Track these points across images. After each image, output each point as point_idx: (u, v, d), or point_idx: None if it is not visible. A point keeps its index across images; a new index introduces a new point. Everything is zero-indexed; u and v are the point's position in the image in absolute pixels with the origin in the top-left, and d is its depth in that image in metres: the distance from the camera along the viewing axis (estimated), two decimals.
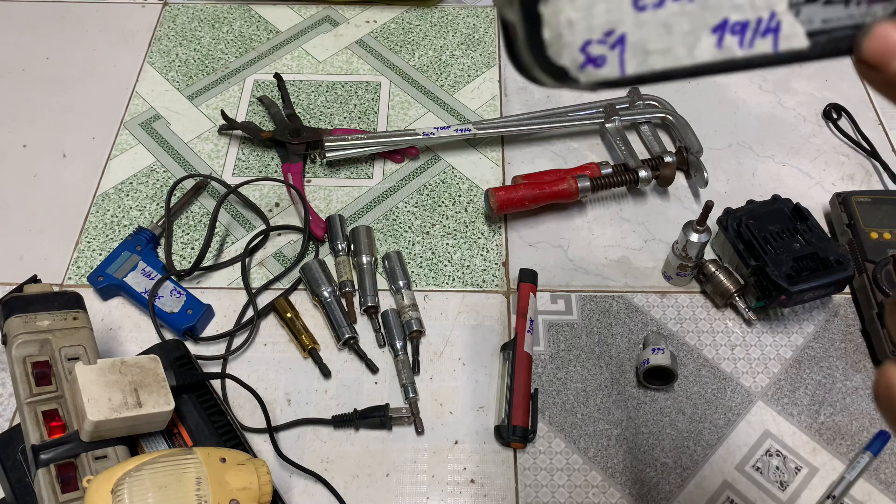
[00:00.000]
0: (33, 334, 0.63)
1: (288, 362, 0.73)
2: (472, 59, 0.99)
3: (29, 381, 0.60)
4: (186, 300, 0.75)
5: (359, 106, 0.94)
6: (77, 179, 0.87)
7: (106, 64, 0.99)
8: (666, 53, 0.22)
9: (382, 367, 0.73)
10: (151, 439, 0.63)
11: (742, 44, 0.22)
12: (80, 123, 0.92)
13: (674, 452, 0.68)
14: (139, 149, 0.90)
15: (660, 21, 0.22)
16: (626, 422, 0.70)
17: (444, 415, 0.70)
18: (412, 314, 0.74)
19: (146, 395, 0.61)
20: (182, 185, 0.84)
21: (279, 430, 0.69)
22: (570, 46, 0.22)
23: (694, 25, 0.22)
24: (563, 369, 0.73)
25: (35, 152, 0.90)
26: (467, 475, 0.67)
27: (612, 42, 0.22)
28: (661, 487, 0.66)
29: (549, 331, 0.75)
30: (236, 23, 1.03)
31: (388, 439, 0.69)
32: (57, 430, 0.59)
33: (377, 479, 0.67)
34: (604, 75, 0.22)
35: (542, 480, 0.67)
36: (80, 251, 0.81)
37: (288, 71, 0.97)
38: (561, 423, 0.70)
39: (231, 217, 0.84)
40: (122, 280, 0.76)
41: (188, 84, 0.96)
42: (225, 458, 0.59)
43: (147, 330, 0.75)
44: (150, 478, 0.56)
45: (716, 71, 0.23)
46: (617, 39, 0.22)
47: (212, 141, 0.90)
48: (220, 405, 0.67)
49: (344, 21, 1.04)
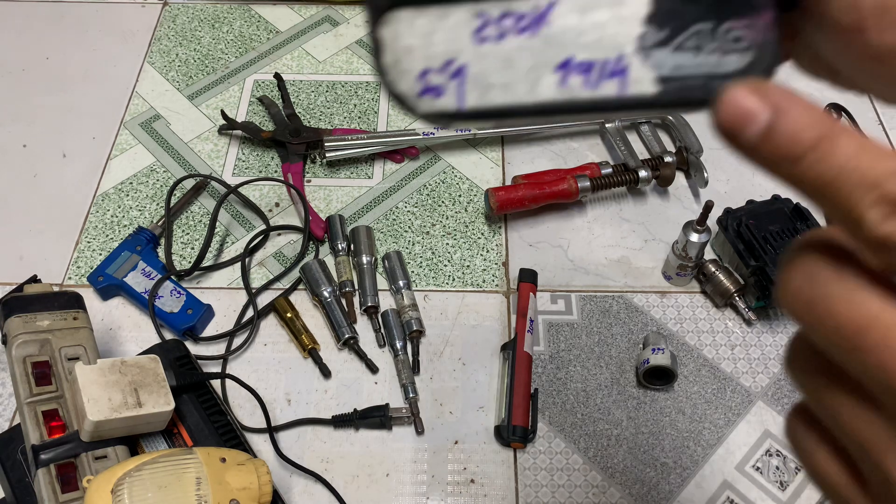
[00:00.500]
0: (33, 334, 0.63)
1: (288, 362, 0.73)
2: None
3: (29, 381, 0.60)
4: (186, 300, 0.75)
5: (359, 106, 0.94)
6: (77, 179, 0.87)
7: (106, 64, 0.99)
8: (507, 89, 0.21)
9: (382, 367, 0.73)
10: (151, 439, 0.63)
11: (587, 84, 0.21)
12: (80, 123, 0.92)
13: (674, 452, 0.68)
14: (139, 149, 0.90)
15: (501, 54, 0.21)
16: (626, 422, 0.70)
17: (444, 415, 0.70)
18: (412, 314, 0.74)
19: (146, 395, 0.61)
20: (182, 185, 0.84)
21: (279, 430, 0.69)
22: (408, 73, 0.21)
23: (536, 62, 0.21)
24: (563, 369, 0.73)
25: (35, 152, 0.90)
26: (467, 475, 0.67)
27: (451, 72, 0.21)
28: (661, 487, 0.66)
29: (549, 331, 0.75)
30: (236, 23, 1.03)
31: (388, 439, 0.69)
32: (57, 430, 0.59)
33: (377, 479, 0.67)
34: (442, 106, 0.22)
35: (542, 480, 0.67)
36: (80, 251, 0.81)
37: (288, 71, 0.97)
38: (561, 423, 0.70)
39: (231, 217, 0.84)
40: (122, 280, 0.76)
41: (188, 84, 0.96)
42: (225, 458, 0.59)
43: (147, 330, 0.75)
44: (150, 478, 0.56)
45: (559, 112, 0.22)
46: (457, 70, 0.21)
47: (212, 141, 0.90)
48: (220, 405, 0.67)
49: (344, 21, 1.04)
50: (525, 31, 0.21)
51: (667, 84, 0.21)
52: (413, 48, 0.21)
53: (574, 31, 0.21)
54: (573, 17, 0.21)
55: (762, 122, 0.20)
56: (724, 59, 0.21)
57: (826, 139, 0.19)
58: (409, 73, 0.21)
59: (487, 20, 0.21)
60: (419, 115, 0.22)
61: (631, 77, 0.21)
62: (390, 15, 0.21)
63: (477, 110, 0.22)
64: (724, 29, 0.21)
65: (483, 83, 0.21)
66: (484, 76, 0.21)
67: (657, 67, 0.21)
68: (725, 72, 0.21)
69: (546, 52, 0.21)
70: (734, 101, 0.20)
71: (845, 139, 0.19)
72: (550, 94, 0.21)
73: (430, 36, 0.21)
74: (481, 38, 0.21)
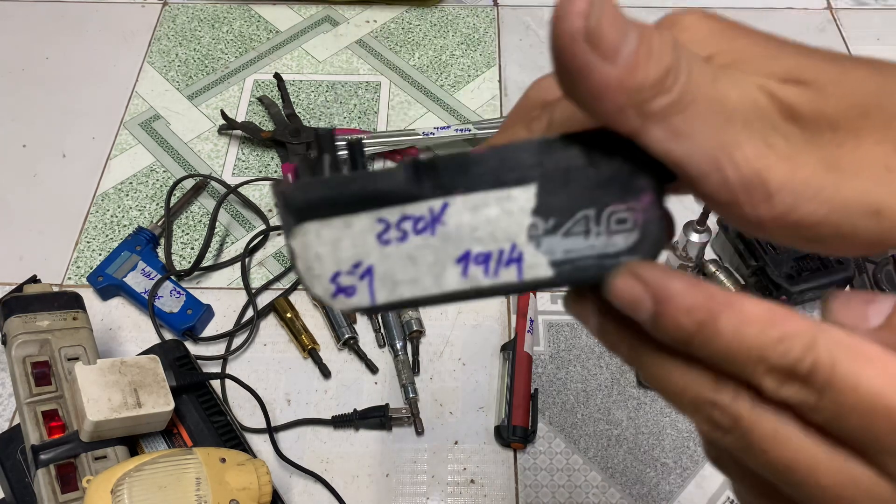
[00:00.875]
0: (33, 334, 0.63)
1: (288, 362, 0.73)
2: (472, 59, 0.99)
3: (29, 381, 0.60)
4: (186, 300, 0.74)
5: (359, 106, 0.94)
6: (77, 179, 0.87)
7: (106, 64, 0.99)
8: (414, 283, 0.23)
9: (382, 368, 0.73)
10: (151, 439, 0.63)
11: (487, 273, 0.23)
12: (79, 123, 0.92)
13: (674, 452, 0.68)
14: (139, 149, 0.90)
15: (404, 253, 0.23)
16: (626, 422, 0.70)
17: (443, 415, 0.70)
18: (412, 314, 0.74)
19: (146, 395, 0.61)
20: (182, 186, 0.84)
21: (279, 430, 0.69)
22: (321, 278, 0.23)
23: (438, 257, 0.23)
24: (564, 369, 0.73)
25: (35, 152, 0.90)
26: (467, 475, 0.67)
27: (360, 273, 0.23)
28: (662, 488, 0.66)
29: (549, 331, 0.75)
30: (236, 23, 1.03)
31: (387, 440, 0.69)
32: (57, 431, 0.59)
33: (377, 480, 0.67)
34: (356, 304, 0.23)
35: (543, 481, 0.66)
36: (79, 251, 0.81)
37: (288, 71, 0.97)
38: (561, 424, 0.70)
39: (231, 217, 0.84)
40: (122, 280, 0.76)
41: (188, 84, 0.96)
42: (225, 459, 0.59)
43: (147, 330, 0.75)
44: (149, 478, 0.56)
45: (466, 298, 0.23)
46: (365, 270, 0.23)
47: (211, 141, 0.90)
48: (220, 405, 0.67)
49: (344, 21, 1.04)
50: (424, 231, 0.22)
51: (561, 267, 0.23)
52: (322, 256, 0.23)
53: (468, 227, 0.22)
54: (466, 215, 0.22)
55: (647, 310, 0.21)
56: (612, 239, 0.23)
57: (706, 323, 0.20)
58: (322, 277, 0.23)
59: (388, 224, 0.22)
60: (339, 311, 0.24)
61: (526, 263, 0.23)
62: (298, 228, 0.22)
63: (389, 304, 0.23)
64: (607, 213, 0.22)
65: (391, 280, 0.23)
66: (391, 274, 0.23)
67: (549, 253, 0.23)
68: (614, 251, 0.23)
69: (445, 248, 0.23)
70: (618, 289, 0.21)
71: (726, 318, 0.20)
72: (455, 284, 0.23)
73: (338, 243, 0.23)
74: (385, 241, 0.23)
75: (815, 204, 0.20)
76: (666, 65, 0.19)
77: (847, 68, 0.20)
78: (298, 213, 0.22)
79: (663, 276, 0.21)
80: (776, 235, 0.21)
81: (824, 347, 0.19)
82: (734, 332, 0.20)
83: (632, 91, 0.19)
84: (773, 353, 0.19)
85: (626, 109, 0.20)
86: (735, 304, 0.20)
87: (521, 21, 1.04)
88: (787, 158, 0.20)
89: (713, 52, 0.21)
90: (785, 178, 0.20)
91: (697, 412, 0.22)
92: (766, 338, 0.19)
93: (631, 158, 0.22)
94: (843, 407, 0.19)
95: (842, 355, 0.19)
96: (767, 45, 0.21)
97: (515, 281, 0.23)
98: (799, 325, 0.19)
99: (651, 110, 0.20)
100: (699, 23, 0.22)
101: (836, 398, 0.19)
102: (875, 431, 0.19)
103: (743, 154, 0.20)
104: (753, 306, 0.20)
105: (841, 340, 0.19)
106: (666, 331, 0.21)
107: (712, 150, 0.20)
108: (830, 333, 0.19)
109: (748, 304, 0.20)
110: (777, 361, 0.19)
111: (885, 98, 0.20)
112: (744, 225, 0.21)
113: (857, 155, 0.20)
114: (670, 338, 0.21)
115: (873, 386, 0.18)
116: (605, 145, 0.22)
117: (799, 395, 0.19)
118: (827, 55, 0.21)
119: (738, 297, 0.20)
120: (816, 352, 0.19)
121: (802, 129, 0.20)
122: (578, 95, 0.20)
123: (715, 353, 0.20)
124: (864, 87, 0.20)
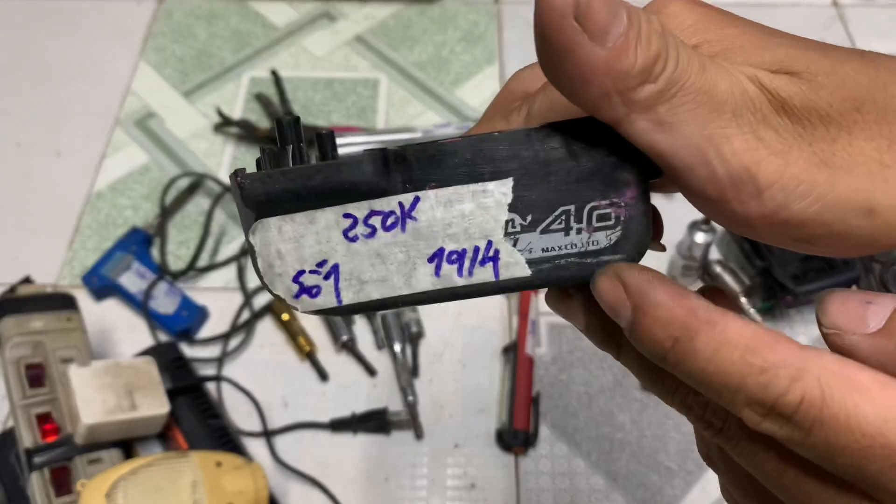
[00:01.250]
0: (27, 336, 0.62)
1: (285, 365, 0.72)
2: (473, 56, 0.98)
3: (22, 383, 0.60)
4: (181, 301, 0.73)
5: (357, 103, 0.93)
6: (71, 178, 0.86)
7: (101, 61, 0.97)
8: (383, 283, 0.22)
9: (381, 370, 0.72)
10: (146, 443, 0.62)
11: (461, 273, 0.22)
12: (74, 121, 0.91)
13: (678, 456, 0.67)
14: (134, 147, 0.89)
15: (373, 251, 0.22)
16: (629, 425, 0.69)
17: (443, 418, 0.69)
18: (411, 315, 0.73)
19: (141, 397, 0.60)
20: (178, 185, 0.83)
21: (276, 433, 0.68)
22: (283, 276, 0.22)
23: (409, 255, 0.22)
24: (566, 372, 0.72)
25: (29, 151, 0.89)
26: (468, 480, 0.66)
27: (325, 272, 0.22)
28: (665, 492, 0.65)
29: (550, 332, 0.74)
30: (232, 19, 1.02)
31: (386, 443, 0.68)
32: (51, 434, 0.59)
33: (376, 484, 0.66)
34: (320, 305, 0.22)
35: (544, 485, 0.66)
36: (74, 251, 0.80)
37: (285, 67, 0.96)
38: (563, 427, 0.69)
39: (227, 216, 0.82)
40: (117, 281, 0.74)
41: (184, 81, 0.95)
42: (221, 462, 0.59)
43: (141, 331, 0.73)
44: (145, 481, 0.55)
45: (439, 300, 0.22)
46: (330, 269, 0.22)
47: (207, 139, 0.89)
48: (216, 408, 0.66)
49: (342, 17, 1.03)
50: (393, 227, 0.21)
51: (539, 266, 0.22)
52: (283, 253, 0.22)
53: (441, 223, 0.21)
54: (439, 210, 0.21)
55: (626, 318, 0.20)
56: (593, 237, 0.22)
57: (681, 341, 0.19)
58: (284, 276, 0.22)
59: (355, 220, 0.21)
60: (302, 312, 0.22)
61: (502, 262, 0.22)
62: (258, 224, 0.21)
63: (356, 305, 0.22)
64: (588, 209, 0.21)
65: (358, 280, 0.22)
66: (358, 273, 0.22)
67: (527, 251, 0.22)
68: (595, 249, 0.22)
69: (416, 246, 0.22)
70: (601, 290, 0.21)
71: (704, 337, 0.18)
72: (427, 284, 0.22)
73: (300, 240, 0.21)
74: (351, 238, 0.21)
75: (806, 201, 0.19)
76: (654, 51, 0.18)
77: (839, 59, 0.19)
78: (258, 208, 0.21)
79: (647, 283, 0.20)
80: (764, 234, 0.20)
81: (813, 380, 0.17)
82: (711, 354, 0.18)
83: (618, 76, 0.18)
84: (753, 385, 0.18)
85: (611, 96, 0.19)
86: (717, 324, 0.18)
87: (522, 16, 1.03)
88: (778, 153, 0.19)
89: (700, 41, 0.20)
90: (775, 174, 0.19)
91: (690, 411, 0.21)
92: (746, 366, 0.18)
93: (614, 151, 0.21)
94: (834, 446, 0.17)
95: (833, 389, 0.17)
96: (757, 34, 0.20)
97: (492, 280, 0.22)
98: (786, 354, 0.18)
99: (636, 98, 0.19)
100: (686, 10, 0.21)
101: (827, 437, 0.17)
102: (870, 469, 0.17)
103: (731, 147, 0.19)
104: (738, 328, 0.18)
105: (833, 371, 0.17)
106: (641, 342, 0.20)
107: (699, 143, 0.19)
108: (821, 362, 0.18)
109: (733, 324, 0.18)
110: (758, 394, 0.18)
111: (877, 91, 0.19)
112: (731, 223, 0.20)
113: (851, 151, 0.19)
114: (645, 350, 0.20)
115: (867, 422, 0.17)
116: (587, 136, 0.21)
117: (783, 432, 0.18)
118: (818, 46, 0.20)
119: (723, 316, 0.18)
120: (804, 386, 0.17)
121: (794, 123, 0.19)
122: (562, 77, 0.19)
123: (690, 374, 0.19)
124: (857, 78, 0.19)
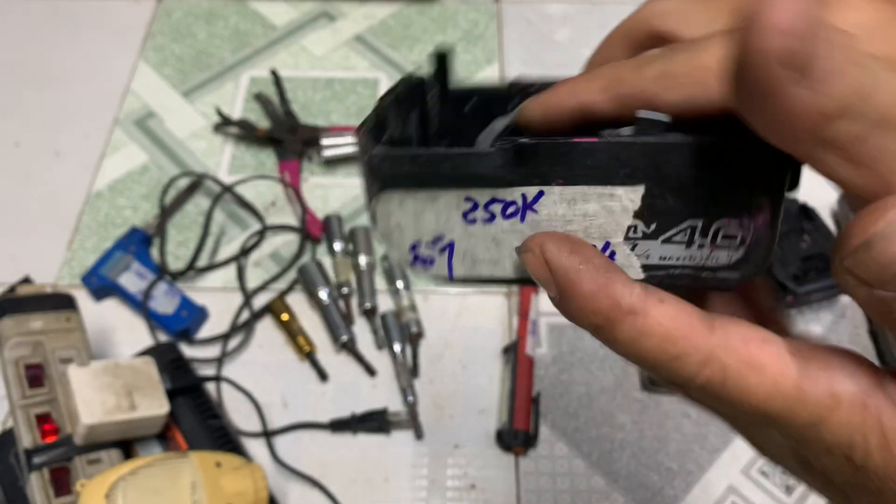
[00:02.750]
0: (26, 336, 0.62)
1: (284, 365, 0.72)
2: (473, 55, 0.98)
3: (21, 383, 0.59)
4: (181, 301, 0.73)
5: (357, 103, 0.93)
6: (70, 178, 0.86)
7: (100, 61, 0.97)
8: (494, 264, 0.23)
9: (381, 370, 0.71)
10: (146, 443, 0.62)
11: None
12: (73, 121, 0.91)
13: (678, 456, 0.67)
14: (133, 147, 0.88)
15: (489, 235, 0.22)
16: (630, 426, 0.69)
17: (443, 418, 0.69)
18: (411, 316, 0.73)
19: (140, 397, 0.60)
20: (177, 185, 0.83)
21: (275, 434, 0.68)
22: (400, 246, 0.23)
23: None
24: (566, 372, 0.72)
25: (27, 151, 0.88)
26: (468, 480, 0.66)
27: (440, 247, 0.23)
28: (666, 492, 0.65)
29: (551, 333, 0.74)
30: (232, 18, 1.02)
31: (386, 444, 0.67)
32: (50, 434, 0.58)
33: (376, 485, 0.65)
34: (433, 273, 0.23)
35: (545, 485, 0.65)
36: (73, 251, 0.79)
37: (285, 67, 0.96)
38: (563, 427, 0.69)
39: (226, 216, 0.82)
40: (116, 281, 0.74)
41: (183, 81, 0.95)
42: (220, 463, 0.58)
43: (141, 332, 0.73)
44: (144, 482, 0.55)
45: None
46: (446, 245, 0.22)
47: (207, 139, 0.89)
48: (216, 409, 0.66)
49: (342, 16, 1.02)
50: (513, 217, 0.22)
51: (653, 272, 0.22)
52: (403, 225, 0.22)
53: (562, 219, 0.22)
54: (562, 206, 0.21)
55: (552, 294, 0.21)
56: (714, 253, 0.22)
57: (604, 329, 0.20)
58: (401, 245, 0.23)
59: (476, 204, 0.22)
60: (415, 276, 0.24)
61: (617, 262, 0.22)
62: (382, 194, 0.22)
63: (466, 278, 0.23)
64: (716, 227, 0.21)
65: (471, 258, 0.23)
66: (472, 252, 0.22)
67: (644, 256, 0.22)
68: (714, 266, 0.22)
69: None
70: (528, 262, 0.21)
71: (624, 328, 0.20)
72: None
73: (420, 215, 0.22)
74: (470, 220, 0.22)
75: None
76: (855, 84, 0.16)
77: None
78: (383, 181, 0.22)
79: (574, 272, 0.20)
80: None
81: (717, 364, 0.19)
82: (631, 342, 0.20)
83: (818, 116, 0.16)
84: (667, 370, 0.19)
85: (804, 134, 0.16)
86: (638, 315, 0.19)
87: (523, 16, 1.02)
88: None
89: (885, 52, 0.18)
90: None
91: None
92: (662, 353, 0.19)
93: (755, 173, 0.21)
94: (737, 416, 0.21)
95: (731, 370, 0.19)
96: None
97: None
98: (698, 342, 0.19)
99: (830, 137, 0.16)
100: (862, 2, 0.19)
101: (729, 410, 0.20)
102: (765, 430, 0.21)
103: None
104: (658, 317, 0.19)
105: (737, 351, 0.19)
106: (567, 318, 0.21)
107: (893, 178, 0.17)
108: (727, 345, 0.19)
109: (654, 312, 0.19)
110: (672, 377, 0.20)
111: None
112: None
113: None
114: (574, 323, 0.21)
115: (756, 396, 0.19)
116: (729, 155, 0.20)
117: (700, 401, 0.21)
118: None
119: (646, 304, 0.19)
120: (710, 371, 0.19)
121: None
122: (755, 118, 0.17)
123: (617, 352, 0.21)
124: None
